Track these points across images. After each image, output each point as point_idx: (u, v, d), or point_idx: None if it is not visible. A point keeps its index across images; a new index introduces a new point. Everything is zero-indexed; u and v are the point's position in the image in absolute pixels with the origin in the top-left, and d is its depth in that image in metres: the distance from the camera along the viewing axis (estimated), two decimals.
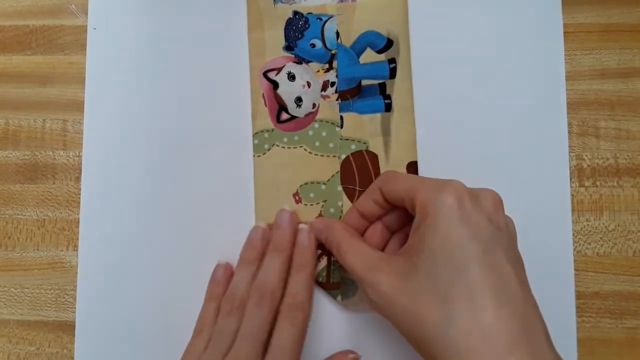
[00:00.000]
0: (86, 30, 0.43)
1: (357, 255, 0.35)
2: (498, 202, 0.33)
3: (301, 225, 0.39)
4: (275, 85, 0.41)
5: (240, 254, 0.40)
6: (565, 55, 0.42)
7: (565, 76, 0.42)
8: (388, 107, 0.41)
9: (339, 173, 0.41)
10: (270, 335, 0.36)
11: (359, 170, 0.41)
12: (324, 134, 0.41)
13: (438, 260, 0.30)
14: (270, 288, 0.36)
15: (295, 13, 0.42)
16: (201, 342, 0.37)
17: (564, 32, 0.42)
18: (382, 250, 0.38)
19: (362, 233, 0.39)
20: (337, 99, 0.41)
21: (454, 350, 0.28)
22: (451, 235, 0.30)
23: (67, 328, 0.41)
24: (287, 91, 0.41)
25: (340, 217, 0.40)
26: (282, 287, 0.37)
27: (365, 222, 0.38)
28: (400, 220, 0.38)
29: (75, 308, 0.41)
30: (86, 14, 0.43)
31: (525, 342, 0.28)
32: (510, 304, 0.29)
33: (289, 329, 0.35)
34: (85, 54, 0.43)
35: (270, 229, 0.40)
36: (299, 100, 0.41)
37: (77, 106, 0.43)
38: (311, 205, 0.41)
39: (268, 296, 0.36)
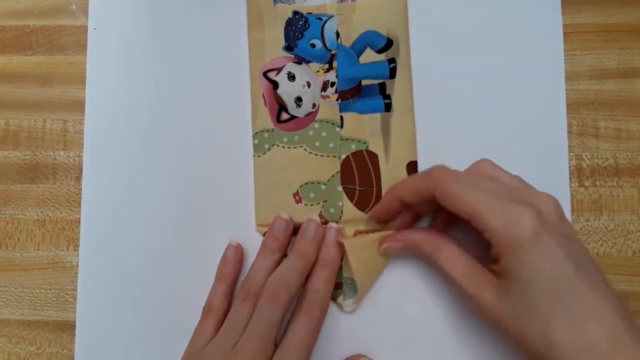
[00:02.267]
0: (86, 30, 0.43)
1: (454, 266, 0.36)
2: (558, 209, 0.34)
3: (330, 224, 0.40)
4: (275, 85, 0.41)
5: (263, 242, 0.40)
6: (565, 55, 0.42)
7: (565, 76, 0.42)
8: (388, 107, 0.41)
9: (339, 173, 0.41)
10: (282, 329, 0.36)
11: (359, 170, 0.41)
12: (324, 134, 0.41)
13: (533, 293, 0.32)
14: (288, 285, 0.37)
15: (295, 13, 0.42)
16: (209, 325, 0.38)
17: (564, 32, 0.42)
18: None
19: (394, 216, 0.39)
20: (337, 99, 0.41)
21: None
22: (538, 272, 0.32)
23: (67, 328, 0.41)
24: (287, 91, 0.41)
25: (341, 217, 0.40)
26: (299, 288, 0.37)
27: (401, 208, 0.38)
28: (430, 207, 0.38)
29: (75, 308, 0.41)
30: (86, 14, 0.43)
31: (624, 348, 0.30)
32: (606, 316, 0.31)
33: (306, 325, 0.36)
34: (86, 54, 0.43)
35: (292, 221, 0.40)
36: (298, 100, 0.41)
37: (78, 106, 0.43)
38: (311, 205, 0.41)
39: (283, 293, 0.36)
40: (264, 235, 0.40)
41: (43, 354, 0.41)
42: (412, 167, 0.40)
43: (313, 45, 0.41)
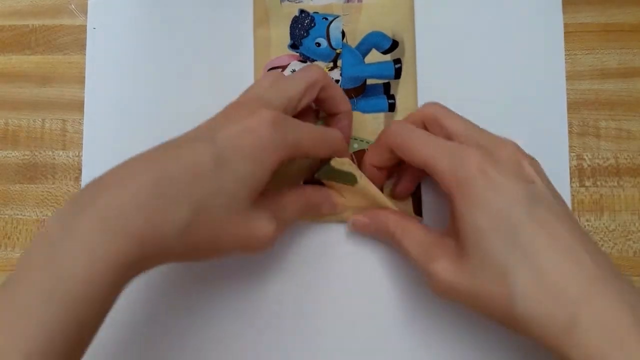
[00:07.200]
0: (86, 30, 0.43)
1: (411, 241, 0.34)
2: (517, 153, 0.32)
3: None
4: None
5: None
6: (565, 55, 0.42)
7: (566, 76, 0.42)
8: (392, 107, 0.41)
9: None
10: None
11: (361, 169, 0.40)
12: None
13: (485, 236, 0.30)
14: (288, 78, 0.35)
15: (302, 12, 0.42)
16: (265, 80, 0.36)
17: (564, 32, 0.42)
18: None
19: (381, 182, 0.39)
20: None
21: (527, 319, 0.28)
22: (488, 209, 0.30)
23: None
24: None
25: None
26: (300, 92, 0.35)
27: (383, 173, 0.38)
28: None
29: None
30: (86, 13, 0.43)
31: (596, 290, 0.27)
32: (569, 257, 0.28)
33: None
34: (85, 54, 0.43)
35: None
36: None
37: (77, 106, 0.43)
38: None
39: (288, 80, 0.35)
40: None
41: None
42: None
43: (318, 44, 0.41)
